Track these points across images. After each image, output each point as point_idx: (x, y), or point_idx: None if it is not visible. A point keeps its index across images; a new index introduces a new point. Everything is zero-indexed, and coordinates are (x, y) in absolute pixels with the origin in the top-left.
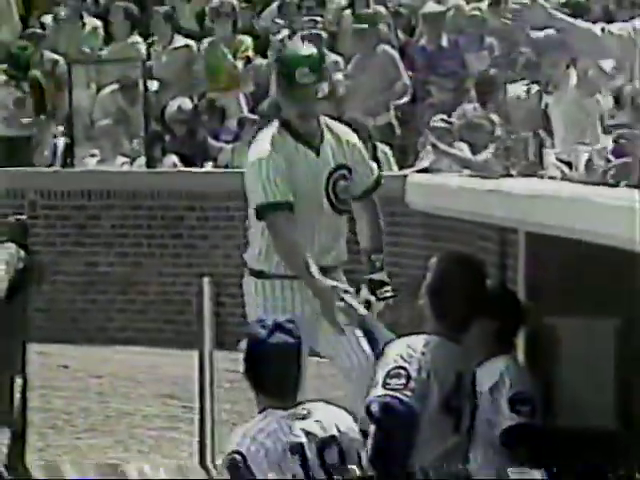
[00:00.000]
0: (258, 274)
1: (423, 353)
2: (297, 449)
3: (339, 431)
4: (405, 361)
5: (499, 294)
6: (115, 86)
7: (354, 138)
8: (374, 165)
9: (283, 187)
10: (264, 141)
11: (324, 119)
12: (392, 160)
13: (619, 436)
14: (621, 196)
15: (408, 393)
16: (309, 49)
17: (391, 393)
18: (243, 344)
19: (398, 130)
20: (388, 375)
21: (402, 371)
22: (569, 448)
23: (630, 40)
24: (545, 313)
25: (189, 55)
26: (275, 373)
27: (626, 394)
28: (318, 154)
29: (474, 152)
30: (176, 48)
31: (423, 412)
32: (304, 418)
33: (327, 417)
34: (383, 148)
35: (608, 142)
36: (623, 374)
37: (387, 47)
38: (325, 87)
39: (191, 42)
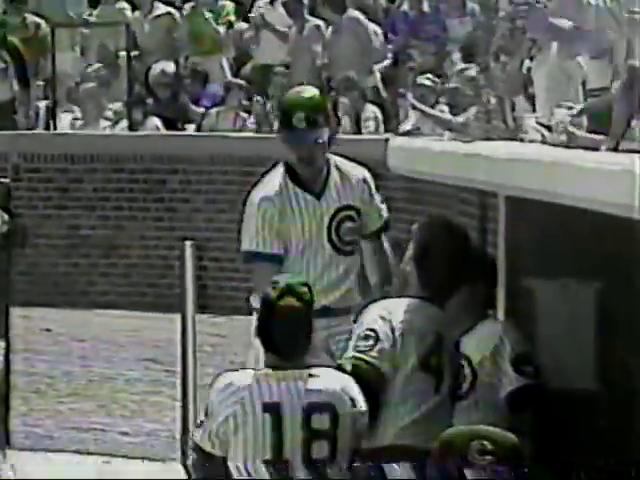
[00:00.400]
0: None
1: (401, 313)
2: (271, 408)
3: (340, 399)
4: (377, 323)
5: (482, 259)
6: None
7: (364, 176)
8: (383, 206)
9: (272, 239)
10: (266, 185)
11: (333, 159)
12: (381, 121)
13: (599, 397)
14: (601, 159)
15: (374, 354)
16: (310, 92)
17: (358, 355)
18: (254, 301)
19: (384, 93)
20: (359, 337)
21: (371, 333)
22: (552, 410)
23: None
24: (525, 276)
25: (171, 23)
26: (282, 335)
27: (606, 356)
28: (319, 197)
29: (455, 114)
30: (158, 16)
31: (399, 370)
32: (302, 381)
33: (329, 384)
34: (374, 109)
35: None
36: (603, 336)
37: (355, 13)
38: (325, 133)
39: (172, 9)
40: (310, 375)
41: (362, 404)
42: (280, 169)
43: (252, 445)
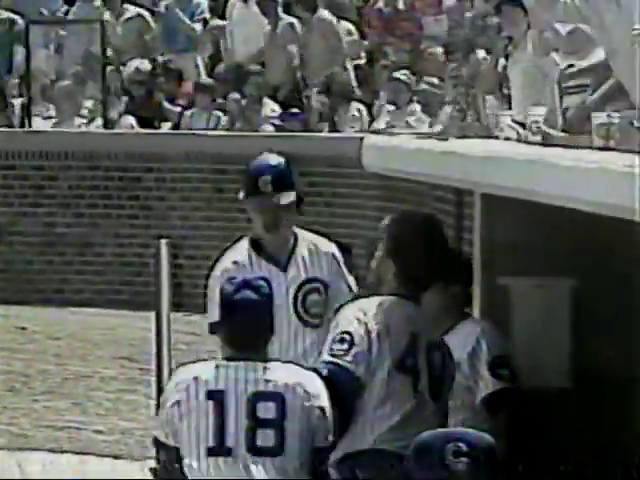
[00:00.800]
0: None
1: (376, 314)
2: (215, 396)
3: (291, 391)
4: (352, 325)
5: (458, 258)
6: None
7: (333, 251)
8: (352, 280)
9: None
10: (229, 259)
11: (302, 233)
12: (365, 119)
13: (574, 395)
14: (577, 157)
15: (349, 358)
16: (275, 159)
17: (332, 360)
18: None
19: (358, 91)
20: (334, 340)
21: (346, 336)
22: (527, 408)
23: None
24: (500, 274)
25: (142, 25)
26: (239, 327)
27: (582, 354)
28: (285, 269)
29: (428, 112)
30: (129, 19)
31: (375, 373)
32: (254, 371)
33: (282, 375)
34: (358, 106)
35: (566, 103)
36: (579, 334)
37: (324, 13)
38: (291, 198)
39: (143, 11)
40: (265, 367)
41: (321, 401)
42: (244, 242)
43: (195, 432)
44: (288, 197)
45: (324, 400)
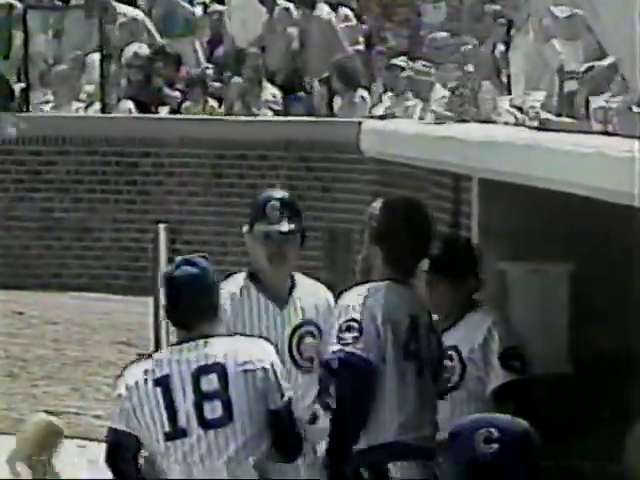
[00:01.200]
0: None
1: (376, 299)
2: (161, 381)
3: (230, 359)
4: (356, 312)
5: (464, 247)
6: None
7: (329, 298)
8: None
9: None
10: (225, 291)
11: (298, 275)
12: (369, 105)
13: (571, 380)
14: (576, 142)
15: (360, 346)
16: (283, 192)
17: (345, 349)
18: None
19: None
20: (341, 329)
21: (353, 323)
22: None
23: None
24: (498, 258)
25: (137, 29)
26: (181, 305)
27: (578, 339)
28: (282, 308)
29: (421, 98)
30: (123, 24)
31: (384, 360)
32: (195, 349)
33: (222, 346)
34: (362, 92)
35: (567, 88)
36: (576, 319)
37: (320, 7)
38: (298, 226)
39: (137, 14)
40: (207, 342)
41: (264, 362)
42: (241, 275)
43: (152, 421)
44: (295, 230)
45: (267, 361)
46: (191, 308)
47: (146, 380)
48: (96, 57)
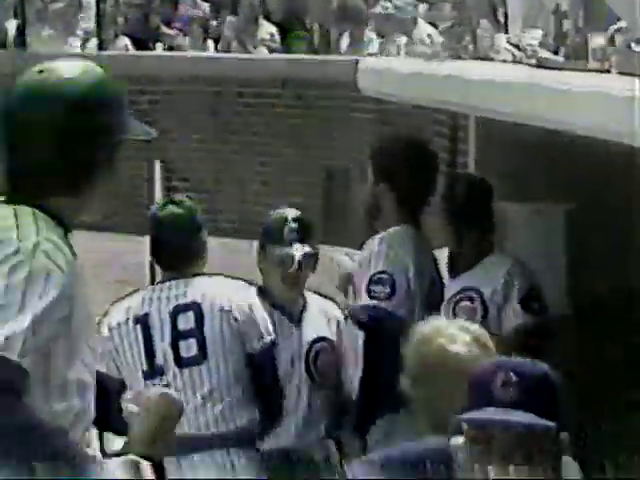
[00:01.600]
0: None
1: (403, 249)
2: (141, 319)
3: (207, 298)
4: (386, 262)
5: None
6: None
7: (338, 315)
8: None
9: None
10: None
11: (308, 293)
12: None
13: (571, 321)
14: (576, 81)
15: (394, 302)
16: (296, 211)
17: (377, 304)
18: None
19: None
20: (371, 281)
21: (384, 275)
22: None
23: None
24: (496, 198)
25: None
26: (166, 245)
27: (577, 280)
28: (297, 325)
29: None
30: None
31: (413, 312)
32: (176, 288)
33: (201, 286)
34: (369, 34)
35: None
36: (575, 260)
37: None
38: (315, 249)
39: None
40: (187, 282)
41: (243, 304)
42: (251, 290)
43: (132, 360)
44: (311, 248)
45: (245, 303)
46: (174, 248)
47: (127, 320)
48: None
